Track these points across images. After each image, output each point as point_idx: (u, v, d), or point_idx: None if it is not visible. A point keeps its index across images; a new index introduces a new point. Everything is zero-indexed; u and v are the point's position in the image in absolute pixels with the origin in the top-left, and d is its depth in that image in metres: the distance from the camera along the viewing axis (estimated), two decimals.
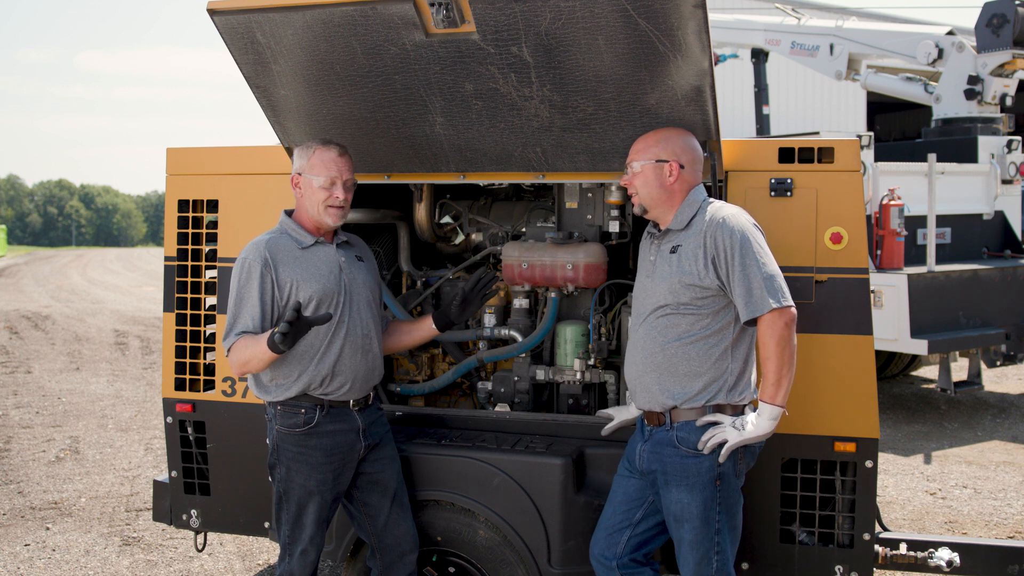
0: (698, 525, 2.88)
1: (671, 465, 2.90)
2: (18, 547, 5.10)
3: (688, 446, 2.88)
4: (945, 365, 7.49)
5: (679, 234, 2.93)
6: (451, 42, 2.85)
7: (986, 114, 8.72)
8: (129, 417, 8.19)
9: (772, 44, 11.18)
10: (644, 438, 3.01)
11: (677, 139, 2.96)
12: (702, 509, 2.87)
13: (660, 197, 2.95)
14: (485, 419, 3.60)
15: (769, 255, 2.84)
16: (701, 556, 2.89)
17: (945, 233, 7.86)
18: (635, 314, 3.04)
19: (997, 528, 5.45)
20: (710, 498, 2.87)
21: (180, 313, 3.88)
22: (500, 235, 3.98)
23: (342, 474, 3.15)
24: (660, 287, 2.92)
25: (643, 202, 2.98)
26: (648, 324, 2.95)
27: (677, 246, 2.92)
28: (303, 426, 3.08)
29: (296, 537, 3.12)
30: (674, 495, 2.90)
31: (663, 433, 2.93)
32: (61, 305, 17.16)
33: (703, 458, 2.87)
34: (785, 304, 2.78)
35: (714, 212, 2.89)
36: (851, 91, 18.08)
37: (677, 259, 2.90)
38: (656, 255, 2.99)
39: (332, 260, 3.15)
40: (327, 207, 3.10)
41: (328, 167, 3.11)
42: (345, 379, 3.11)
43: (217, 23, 2.98)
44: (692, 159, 2.97)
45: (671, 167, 2.92)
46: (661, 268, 2.94)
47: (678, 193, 2.95)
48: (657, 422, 2.96)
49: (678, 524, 2.91)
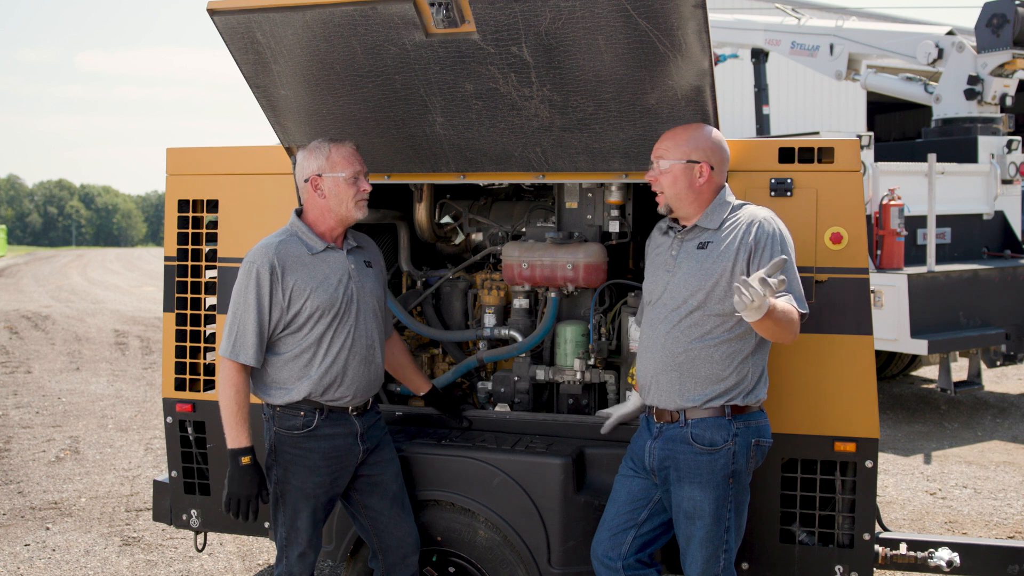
0: (710, 523, 2.86)
1: (684, 462, 2.89)
2: (18, 547, 5.10)
3: (703, 443, 2.87)
4: (945, 365, 7.48)
5: (710, 232, 2.90)
6: (451, 42, 2.85)
7: (986, 114, 8.72)
8: (129, 417, 8.19)
9: (772, 44, 11.17)
10: (653, 435, 2.98)
11: (708, 138, 2.92)
12: (715, 507, 2.86)
13: (688, 197, 2.92)
14: (485, 419, 3.60)
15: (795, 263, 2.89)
16: (710, 554, 2.88)
17: (945, 233, 7.85)
18: (652, 309, 2.99)
19: (997, 528, 5.45)
20: (723, 496, 2.87)
21: (180, 313, 3.88)
22: (500, 235, 3.98)
23: (339, 477, 3.15)
24: (686, 285, 2.88)
25: (669, 201, 2.95)
26: (669, 322, 2.91)
27: (707, 243, 2.88)
28: (301, 429, 3.08)
29: (292, 539, 3.11)
30: (687, 492, 2.88)
31: (676, 430, 2.91)
32: (61, 305, 17.16)
33: (717, 455, 2.86)
34: (806, 312, 2.82)
35: (752, 213, 2.89)
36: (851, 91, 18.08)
37: (708, 256, 2.86)
38: (679, 251, 2.94)
39: (341, 268, 3.11)
40: (357, 201, 3.10)
41: (351, 161, 3.10)
42: (348, 388, 3.11)
43: (217, 23, 2.98)
44: (722, 159, 2.95)
45: (702, 168, 2.90)
46: (686, 265, 2.90)
47: (707, 194, 2.93)
48: (670, 419, 2.94)
49: (689, 521, 2.89)
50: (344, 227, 3.16)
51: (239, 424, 3.01)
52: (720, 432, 2.87)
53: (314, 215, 3.13)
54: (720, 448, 2.86)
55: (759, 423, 2.94)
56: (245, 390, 3.04)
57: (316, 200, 3.11)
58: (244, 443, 3.01)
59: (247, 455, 3.01)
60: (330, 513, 3.22)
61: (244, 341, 3.01)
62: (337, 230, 3.15)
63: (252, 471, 3.02)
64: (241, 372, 3.03)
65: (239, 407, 3.02)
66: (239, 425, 3.01)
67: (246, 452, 3.01)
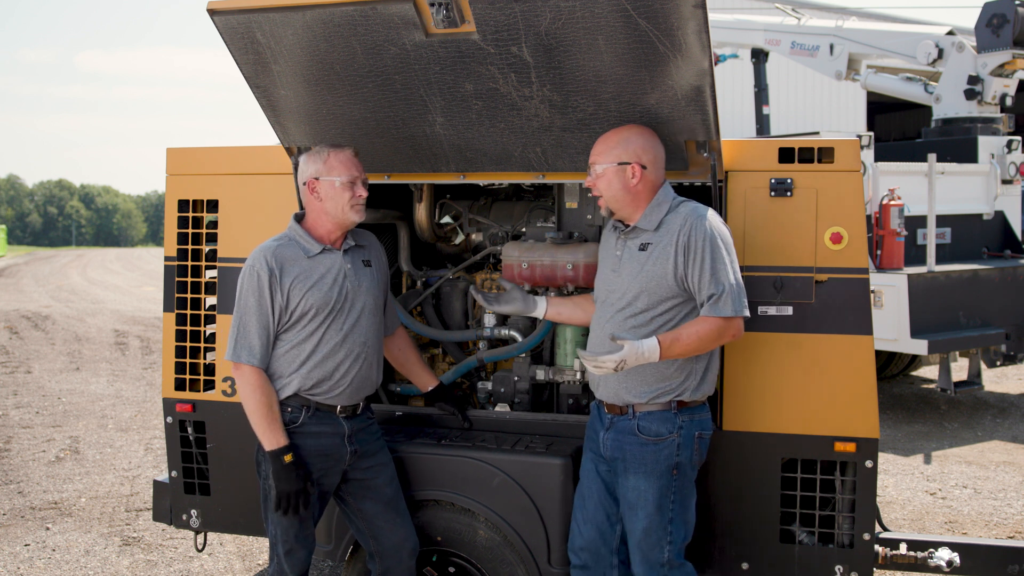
0: (652, 512, 2.93)
1: (630, 453, 2.97)
2: (18, 547, 5.09)
3: (649, 434, 2.95)
4: (945, 365, 7.48)
5: (649, 233, 2.97)
6: (451, 42, 2.85)
7: (986, 114, 8.72)
8: (129, 417, 8.19)
9: (772, 44, 11.17)
10: (605, 426, 3.06)
11: (637, 139, 2.97)
12: (657, 496, 2.93)
13: (625, 199, 2.98)
14: (485, 419, 3.60)
15: (736, 262, 2.91)
16: (653, 543, 2.94)
17: (945, 233, 7.85)
18: (601, 308, 3.08)
19: (997, 528, 5.45)
20: (666, 486, 2.94)
21: (180, 313, 3.88)
22: (500, 235, 3.98)
23: (326, 476, 3.16)
24: (629, 285, 2.96)
25: (608, 204, 3.02)
26: (615, 322, 2.99)
27: (647, 244, 2.95)
28: (287, 425, 3.09)
29: (280, 536, 3.12)
30: (631, 482, 2.96)
31: (625, 422, 3.00)
32: (61, 305, 17.16)
33: (661, 446, 2.94)
34: (743, 315, 2.87)
35: (688, 212, 2.92)
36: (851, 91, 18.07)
37: (648, 258, 2.93)
38: (623, 251, 3.02)
39: (337, 268, 3.15)
40: (353, 206, 3.13)
41: (348, 166, 3.14)
42: (338, 385, 3.13)
43: (217, 23, 2.98)
44: (654, 158, 2.99)
45: (633, 169, 2.95)
46: (629, 265, 2.98)
47: (643, 194, 2.98)
48: (619, 412, 3.02)
49: (632, 511, 2.97)
50: (342, 230, 3.19)
51: (272, 424, 3.03)
52: (666, 424, 2.95)
53: (312, 218, 3.18)
54: (665, 439, 2.94)
55: (702, 416, 3.03)
56: (268, 389, 3.06)
57: (313, 203, 3.15)
58: (282, 442, 3.03)
59: (288, 452, 3.03)
60: (321, 512, 3.22)
61: (249, 343, 3.05)
62: (335, 233, 3.18)
63: (295, 467, 3.03)
64: (257, 373, 3.06)
65: (268, 408, 3.04)
66: (272, 425, 3.03)
67: (287, 450, 3.03)
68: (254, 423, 3.04)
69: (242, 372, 3.06)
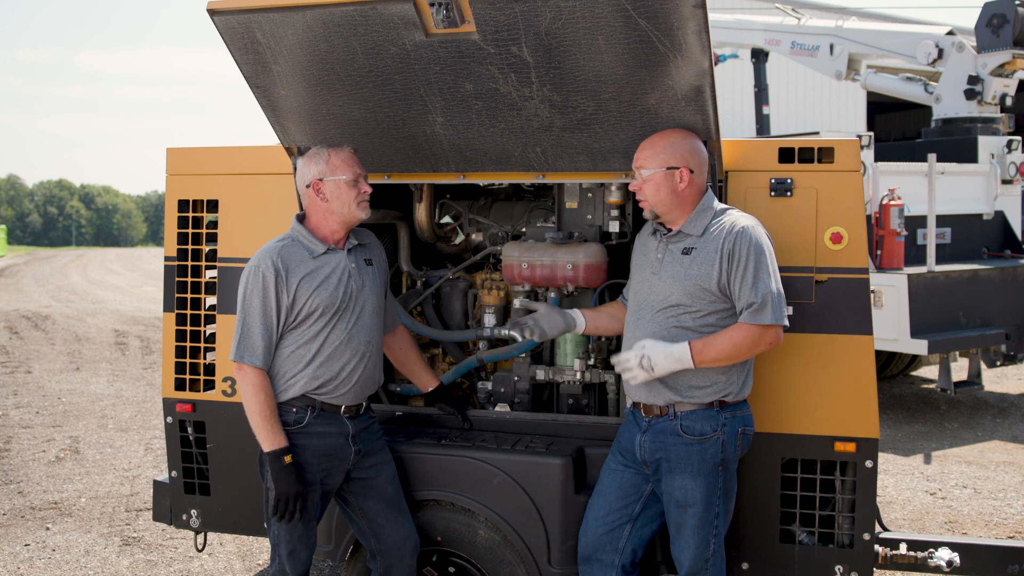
0: (701, 510, 2.96)
1: (675, 452, 2.97)
2: (18, 547, 5.10)
3: (692, 434, 2.96)
4: (945, 365, 7.48)
5: (694, 238, 2.98)
6: (451, 42, 2.85)
7: (986, 114, 8.72)
8: (129, 417, 8.19)
9: (772, 44, 11.17)
10: (642, 429, 3.05)
11: (684, 143, 2.98)
12: (706, 494, 2.95)
13: (672, 203, 3.00)
14: (485, 419, 3.60)
15: (777, 272, 2.93)
16: (701, 540, 2.97)
17: (945, 233, 7.85)
18: (637, 308, 3.08)
19: (997, 528, 5.45)
20: (713, 483, 2.96)
21: (180, 313, 3.88)
22: (500, 235, 3.98)
23: (330, 476, 3.16)
24: (672, 287, 2.97)
25: (654, 208, 3.03)
26: (656, 322, 2.99)
27: (691, 248, 2.97)
28: (292, 425, 3.09)
29: (283, 536, 3.12)
30: (678, 481, 2.97)
31: (666, 423, 3.00)
32: (61, 305, 17.16)
33: (707, 445, 2.95)
34: (781, 324, 2.89)
35: (734, 221, 2.95)
36: (851, 91, 18.08)
37: (692, 262, 2.95)
38: (664, 254, 3.03)
39: (342, 268, 3.15)
40: (359, 203, 3.14)
41: (350, 164, 3.15)
42: (342, 384, 3.13)
43: (217, 23, 2.98)
44: (700, 162, 3.01)
45: (682, 173, 2.96)
46: (671, 268, 2.99)
47: (690, 198, 3.00)
48: (659, 413, 3.02)
49: (681, 509, 2.98)
50: (347, 229, 3.19)
51: (272, 425, 3.03)
52: (709, 422, 2.96)
53: (316, 219, 3.17)
54: (709, 437, 2.95)
55: (744, 413, 3.05)
56: (269, 391, 3.07)
57: (319, 204, 3.14)
58: (282, 443, 3.03)
59: (288, 454, 3.03)
60: (323, 512, 3.22)
61: (252, 344, 3.05)
62: (340, 232, 3.18)
63: (294, 468, 3.04)
64: (260, 374, 3.06)
65: (269, 409, 3.04)
66: (272, 426, 3.03)
67: (286, 451, 3.03)
68: (254, 424, 3.04)
69: (244, 373, 3.06)
